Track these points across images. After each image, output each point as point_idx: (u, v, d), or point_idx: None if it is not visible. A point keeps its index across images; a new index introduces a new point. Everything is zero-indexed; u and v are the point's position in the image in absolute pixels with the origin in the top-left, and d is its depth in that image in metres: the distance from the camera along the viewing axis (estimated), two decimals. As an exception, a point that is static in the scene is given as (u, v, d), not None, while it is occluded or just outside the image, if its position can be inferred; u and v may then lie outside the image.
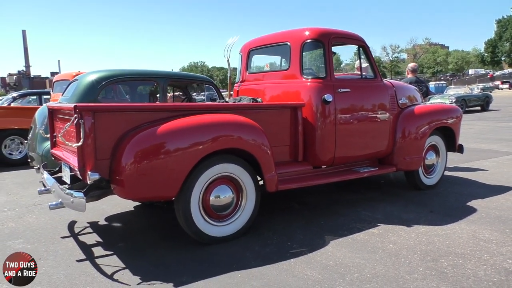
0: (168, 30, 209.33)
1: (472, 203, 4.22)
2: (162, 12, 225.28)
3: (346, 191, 4.88)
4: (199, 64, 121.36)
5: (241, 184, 3.35)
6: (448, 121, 4.93)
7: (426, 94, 6.44)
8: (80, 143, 2.77)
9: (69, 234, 3.60)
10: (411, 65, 6.73)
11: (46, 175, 3.62)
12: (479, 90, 27.98)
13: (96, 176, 2.79)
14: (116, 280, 2.67)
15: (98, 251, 3.20)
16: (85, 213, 4.04)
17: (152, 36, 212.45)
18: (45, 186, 3.66)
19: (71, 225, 3.86)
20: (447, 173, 5.43)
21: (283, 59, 4.43)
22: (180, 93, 7.15)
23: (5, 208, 4.52)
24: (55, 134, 3.80)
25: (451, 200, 4.39)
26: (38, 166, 5.18)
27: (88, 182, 2.82)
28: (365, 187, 5.02)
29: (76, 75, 7.95)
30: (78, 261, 3.01)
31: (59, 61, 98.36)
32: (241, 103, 3.99)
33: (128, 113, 3.06)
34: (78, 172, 2.90)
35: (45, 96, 12.12)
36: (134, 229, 3.80)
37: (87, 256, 3.10)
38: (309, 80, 3.91)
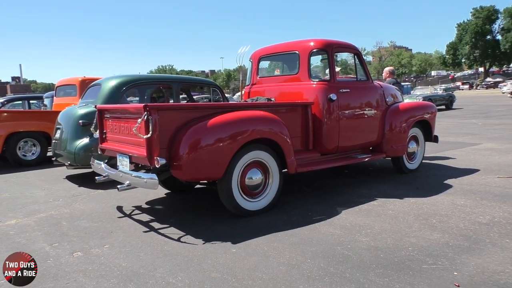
0: (135, 33, 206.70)
1: (448, 181, 5.16)
2: (128, 14, 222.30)
3: (342, 176, 5.74)
4: (167, 67, 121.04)
5: (268, 167, 4.13)
6: (425, 116, 5.88)
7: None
8: (149, 135, 3.48)
9: (123, 215, 4.27)
10: (389, 68, 7.67)
11: (103, 165, 4.28)
12: (442, 91, 29.79)
13: (164, 161, 3.50)
14: (185, 242, 3.40)
15: (156, 225, 3.90)
16: (126, 200, 4.77)
17: (118, 39, 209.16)
18: (101, 175, 4.33)
19: (120, 209, 4.51)
20: (424, 160, 6.38)
21: (291, 65, 5.23)
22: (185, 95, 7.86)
23: (49, 199, 5.10)
24: (104, 131, 4.46)
25: (431, 180, 5.32)
26: (69, 162, 5.81)
27: (157, 166, 3.52)
28: (357, 173, 5.90)
29: (83, 80, 8.55)
30: (145, 232, 3.71)
31: (20, 65, 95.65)
32: (266, 102, 4.76)
33: (182, 111, 3.80)
34: (145, 159, 3.59)
35: (32, 101, 12.48)
36: (175, 209, 4.50)
37: (150, 229, 3.79)
38: (316, 82, 4.74)
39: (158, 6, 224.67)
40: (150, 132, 3.48)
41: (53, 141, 6.20)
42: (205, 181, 4.32)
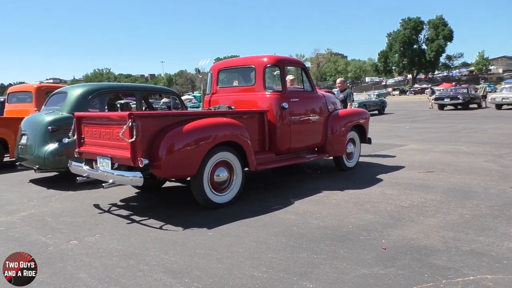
0: (68, 36, 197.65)
1: (379, 176, 6.16)
2: (59, 17, 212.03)
3: (292, 173, 6.57)
4: (104, 71, 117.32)
5: (233, 166, 4.83)
6: (360, 121, 6.89)
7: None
8: (133, 139, 4.06)
9: (102, 211, 4.76)
10: (342, 79, 8.82)
11: (85, 167, 4.75)
12: (375, 96, 32.13)
13: (147, 161, 4.09)
14: (167, 229, 4.01)
15: (136, 218, 4.45)
16: (100, 199, 5.25)
17: (50, 42, 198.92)
18: (81, 176, 4.79)
19: (97, 206, 4.98)
20: (360, 159, 7.39)
21: (248, 77, 5.98)
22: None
23: (23, 200, 5.42)
24: (82, 136, 4.92)
25: (365, 175, 6.31)
26: (37, 166, 6.14)
27: (141, 166, 4.10)
28: (305, 170, 6.77)
29: (39, 87, 8.75)
30: (128, 223, 4.26)
31: None
32: (231, 110, 5.44)
33: (160, 118, 4.41)
34: (129, 160, 4.15)
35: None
36: (150, 205, 5.05)
37: (132, 221, 4.34)
38: (271, 92, 5.53)
39: (91, 8, 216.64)
40: (134, 137, 4.05)
41: (19, 146, 6.44)
42: (178, 179, 4.93)
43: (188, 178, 4.66)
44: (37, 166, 6.13)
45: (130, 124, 4.04)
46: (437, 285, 2.69)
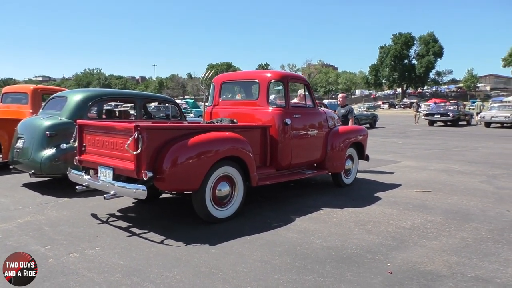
0: (59, 35, 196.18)
1: (377, 194, 6.18)
2: (52, 16, 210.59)
3: (290, 189, 6.56)
4: (95, 71, 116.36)
5: (235, 180, 4.80)
6: (359, 138, 6.93)
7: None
8: (139, 151, 4.01)
9: (101, 222, 4.68)
10: (344, 95, 8.90)
11: (86, 176, 4.67)
12: (365, 109, 32.46)
13: (151, 174, 4.04)
14: (168, 244, 3.95)
15: (136, 230, 4.38)
16: (97, 209, 5.18)
17: (40, 41, 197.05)
18: (80, 185, 4.71)
19: (95, 216, 4.90)
20: (357, 175, 7.42)
21: (251, 91, 5.98)
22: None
23: (18, 206, 5.30)
24: (84, 144, 4.85)
25: (363, 192, 6.33)
26: (33, 171, 6.04)
27: (145, 179, 4.05)
28: (302, 186, 6.76)
29: (35, 89, 8.63)
30: (128, 236, 4.19)
31: None
32: (236, 124, 5.41)
33: (166, 130, 4.37)
34: (133, 172, 4.09)
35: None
36: (148, 217, 4.98)
37: (132, 233, 4.28)
38: (274, 107, 5.53)
39: (84, 7, 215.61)
40: (140, 149, 4.01)
41: (15, 150, 6.32)
42: (178, 192, 4.88)
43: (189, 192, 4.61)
44: (32, 171, 6.03)
45: (136, 136, 4.00)
46: (446, 314, 2.69)
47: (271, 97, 5.69)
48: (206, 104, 6.50)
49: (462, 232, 4.41)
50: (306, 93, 6.06)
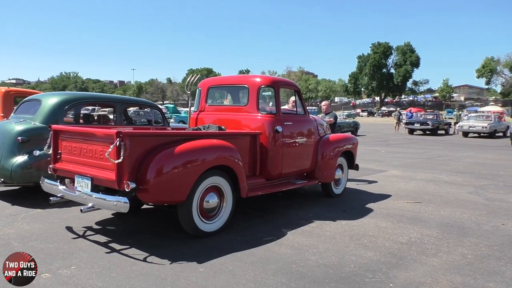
0: (33, 37, 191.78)
1: (368, 205, 5.98)
2: (25, 16, 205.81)
3: (278, 199, 6.28)
4: (71, 74, 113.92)
5: (224, 191, 4.50)
6: (349, 147, 6.73)
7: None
8: (120, 160, 3.67)
9: (77, 236, 4.30)
10: (328, 102, 8.73)
11: (60, 186, 4.28)
12: (344, 116, 32.59)
13: (134, 185, 3.70)
14: (152, 262, 3.61)
15: (116, 246, 4.02)
16: (73, 221, 4.81)
17: (15, 40, 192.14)
18: (55, 196, 4.32)
19: (70, 229, 4.51)
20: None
21: (240, 97, 5.69)
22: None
23: (-15, 218, 4.86)
24: (59, 151, 4.46)
25: (354, 203, 6.11)
26: (2, 179, 5.59)
27: (127, 190, 3.70)
28: (291, 196, 6.50)
29: (7, 91, 8.13)
30: (107, 253, 3.83)
31: None
32: (225, 131, 5.11)
33: (151, 137, 4.04)
34: (114, 182, 3.75)
35: None
36: (128, 230, 4.62)
37: (111, 250, 3.91)
38: (264, 114, 5.26)
39: (61, 7, 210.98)
40: (122, 157, 3.67)
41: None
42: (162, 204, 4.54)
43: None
44: (2, 179, 5.56)
45: (117, 143, 3.66)
46: None
47: (261, 103, 5.42)
48: (192, 109, 6.18)
49: (461, 248, 4.22)
50: (297, 99, 5.83)
